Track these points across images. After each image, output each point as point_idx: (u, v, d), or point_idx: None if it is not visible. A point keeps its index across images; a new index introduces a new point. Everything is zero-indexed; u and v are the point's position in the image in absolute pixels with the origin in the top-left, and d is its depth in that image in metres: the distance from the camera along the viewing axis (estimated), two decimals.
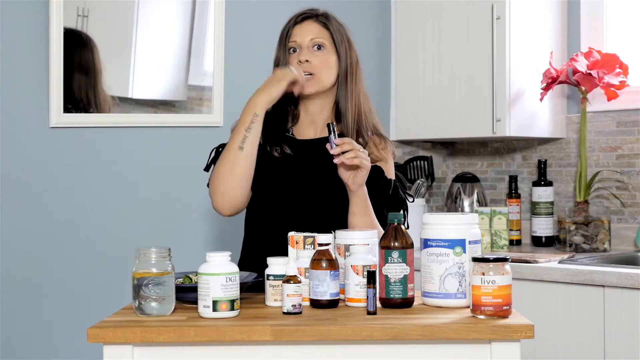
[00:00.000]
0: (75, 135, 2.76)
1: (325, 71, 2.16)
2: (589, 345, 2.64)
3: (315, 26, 2.18)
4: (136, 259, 1.74)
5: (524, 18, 3.25)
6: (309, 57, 2.14)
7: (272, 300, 1.84)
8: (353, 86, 2.19)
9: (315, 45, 2.16)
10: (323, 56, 2.16)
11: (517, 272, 2.75)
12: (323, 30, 2.18)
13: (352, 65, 2.20)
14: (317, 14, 2.21)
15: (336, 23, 2.21)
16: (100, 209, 2.82)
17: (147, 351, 1.64)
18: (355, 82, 2.20)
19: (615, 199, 3.25)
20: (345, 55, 2.18)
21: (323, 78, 2.16)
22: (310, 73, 2.15)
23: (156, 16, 2.92)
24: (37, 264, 2.68)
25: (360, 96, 2.21)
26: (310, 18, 2.19)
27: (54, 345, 2.70)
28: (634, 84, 3.20)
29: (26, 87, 2.67)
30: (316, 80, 2.15)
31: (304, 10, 2.22)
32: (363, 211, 2.07)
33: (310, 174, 2.16)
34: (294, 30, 2.18)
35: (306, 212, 2.13)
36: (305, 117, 2.23)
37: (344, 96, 2.19)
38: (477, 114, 3.27)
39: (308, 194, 2.14)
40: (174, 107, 2.96)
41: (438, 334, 1.62)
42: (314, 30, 2.17)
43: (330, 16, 2.22)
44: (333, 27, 2.19)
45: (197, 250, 2.93)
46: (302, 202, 2.13)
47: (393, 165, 2.28)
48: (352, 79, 2.19)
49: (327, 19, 2.20)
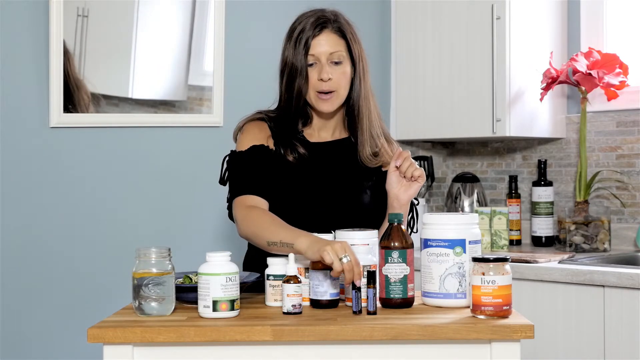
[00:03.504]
0: (75, 135, 2.76)
1: (344, 85, 2.14)
2: (589, 345, 2.64)
3: (333, 38, 2.13)
4: (136, 259, 1.74)
5: (524, 18, 3.25)
6: (331, 73, 2.11)
7: (272, 300, 1.84)
8: (365, 88, 2.17)
9: (334, 60, 2.12)
10: (341, 69, 2.13)
11: (517, 272, 2.75)
12: (340, 41, 2.14)
13: (364, 67, 2.18)
14: (330, 19, 2.14)
15: (348, 26, 2.17)
16: (100, 209, 2.82)
17: (147, 351, 1.64)
18: (366, 83, 2.18)
19: (615, 199, 3.25)
20: (359, 59, 2.17)
21: (342, 92, 2.14)
22: (333, 90, 2.12)
23: (156, 16, 2.92)
24: (37, 264, 2.68)
25: (369, 95, 2.19)
26: (327, 28, 2.13)
27: (54, 345, 2.70)
28: (634, 84, 3.19)
29: (26, 87, 2.67)
30: (337, 96, 2.13)
31: (317, 16, 2.14)
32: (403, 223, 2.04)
33: (325, 177, 2.15)
34: (312, 43, 2.12)
35: (323, 214, 2.11)
36: (317, 120, 2.21)
37: (357, 98, 2.17)
38: (477, 114, 3.27)
39: (324, 197, 2.13)
40: (174, 107, 2.96)
41: (438, 334, 1.62)
42: (331, 42, 2.12)
43: (342, 20, 2.17)
44: (348, 35, 2.15)
45: (197, 250, 2.92)
46: (318, 204, 2.12)
47: None
48: (364, 80, 2.17)
49: (340, 24, 2.15)
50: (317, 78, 2.11)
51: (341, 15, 2.18)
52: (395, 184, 2.10)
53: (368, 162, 2.18)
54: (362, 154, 2.18)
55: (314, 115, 2.20)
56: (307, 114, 2.19)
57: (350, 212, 2.13)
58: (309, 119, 2.19)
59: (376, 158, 2.19)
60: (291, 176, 2.13)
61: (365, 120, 2.17)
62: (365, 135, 2.18)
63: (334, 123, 2.21)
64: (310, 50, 2.11)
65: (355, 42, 2.16)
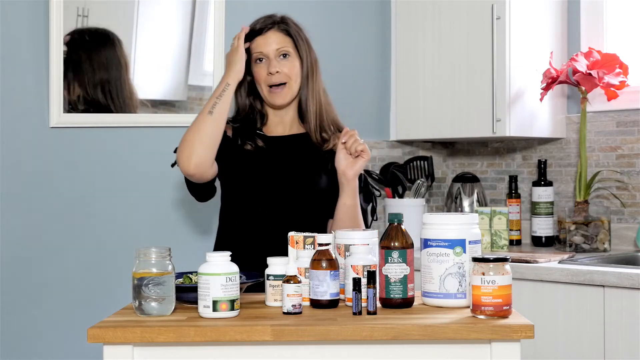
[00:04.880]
0: (75, 135, 2.76)
1: (294, 77, 2.28)
2: (589, 345, 2.64)
3: (279, 35, 2.29)
4: (136, 259, 1.74)
5: (524, 18, 3.25)
6: (279, 67, 2.26)
7: (272, 300, 1.84)
8: (314, 84, 2.31)
9: (281, 55, 2.28)
10: (290, 63, 2.28)
11: (517, 272, 2.75)
12: (286, 38, 2.29)
13: (313, 65, 2.32)
14: (276, 21, 2.30)
15: (295, 27, 2.31)
16: (100, 208, 2.82)
17: (147, 351, 1.65)
18: (316, 80, 2.32)
19: (615, 199, 3.25)
20: (306, 56, 2.30)
21: (294, 85, 2.29)
22: (283, 82, 2.27)
23: (156, 16, 2.92)
24: (37, 263, 2.68)
25: (320, 92, 2.33)
26: (272, 28, 2.29)
27: (54, 345, 2.70)
28: (634, 84, 3.19)
29: (26, 87, 2.67)
30: (289, 88, 2.29)
31: (264, 21, 2.31)
32: (353, 201, 2.23)
33: (281, 167, 2.27)
34: (258, 41, 2.29)
35: (279, 204, 2.24)
36: (273, 117, 2.35)
37: (306, 95, 2.31)
38: (477, 114, 3.27)
39: (280, 186, 2.25)
40: (174, 107, 2.97)
41: (438, 334, 1.62)
42: (277, 39, 2.29)
43: (289, 21, 2.32)
44: (294, 33, 2.30)
45: (197, 250, 2.92)
46: (274, 194, 2.25)
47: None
48: (313, 77, 2.31)
49: (287, 25, 2.30)
50: (266, 73, 2.27)
51: (289, 19, 2.33)
52: (342, 160, 2.22)
53: (319, 146, 2.31)
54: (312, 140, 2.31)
55: (269, 113, 2.34)
56: (263, 113, 2.34)
57: (306, 195, 2.26)
58: (265, 118, 2.34)
59: (326, 142, 2.31)
60: (248, 164, 2.26)
61: (313, 115, 2.30)
62: (313, 127, 2.30)
63: (289, 119, 2.34)
64: (258, 48, 2.28)
65: (301, 41, 2.30)
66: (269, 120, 2.35)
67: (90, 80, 2.76)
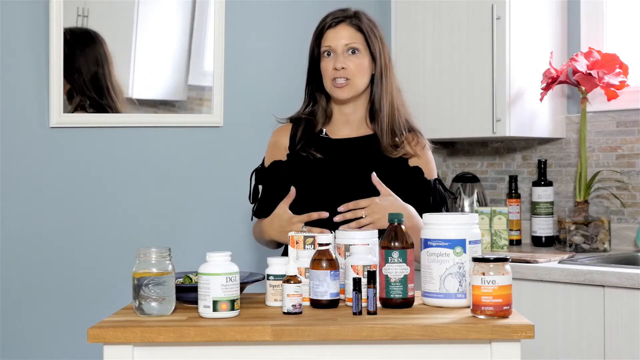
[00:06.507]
0: (75, 135, 2.76)
1: (359, 75, 2.20)
2: (589, 345, 2.64)
3: (349, 30, 2.20)
4: (136, 259, 1.74)
5: (524, 18, 3.25)
6: (344, 63, 2.18)
7: (272, 300, 1.84)
8: (387, 84, 2.23)
9: (349, 50, 2.20)
10: (358, 60, 2.20)
11: (517, 272, 2.75)
12: (357, 34, 2.21)
13: (387, 63, 2.23)
14: (349, 15, 2.22)
15: (368, 23, 2.23)
16: (100, 208, 2.82)
17: (147, 351, 1.64)
18: (389, 79, 2.24)
19: (615, 199, 3.25)
20: (379, 55, 2.22)
21: (357, 82, 2.20)
22: (347, 78, 2.18)
23: (156, 16, 2.92)
24: (37, 263, 2.68)
25: (393, 92, 2.25)
26: (344, 22, 2.21)
27: (54, 345, 2.70)
28: (634, 84, 3.19)
29: (26, 87, 2.67)
30: (351, 85, 2.20)
31: (336, 13, 2.23)
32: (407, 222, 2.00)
33: (346, 172, 2.20)
34: (328, 34, 2.21)
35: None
36: (339, 117, 2.27)
37: (379, 94, 2.23)
38: (477, 114, 3.27)
39: (345, 191, 2.16)
40: (174, 107, 2.97)
41: (438, 334, 1.62)
42: (347, 34, 2.20)
43: (362, 16, 2.23)
44: (366, 29, 2.21)
45: (197, 250, 2.92)
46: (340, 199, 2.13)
47: (430, 159, 2.30)
48: (386, 76, 2.23)
49: (359, 20, 2.21)
50: (332, 68, 2.18)
51: (364, 14, 2.24)
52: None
53: (389, 152, 2.22)
54: (382, 144, 2.22)
55: (335, 111, 2.27)
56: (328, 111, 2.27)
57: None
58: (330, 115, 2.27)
59: (397, 149, 2.22)
60: (312, 174, 2.19)
61: (385, 116, 2.22)
62: (384, 129, 2.22)
63: (357, 119, 2.26)
64: (327, 42, 2.20)
65: (374, 38, 2.21)
66: (334, 119, 2.28)
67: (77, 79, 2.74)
